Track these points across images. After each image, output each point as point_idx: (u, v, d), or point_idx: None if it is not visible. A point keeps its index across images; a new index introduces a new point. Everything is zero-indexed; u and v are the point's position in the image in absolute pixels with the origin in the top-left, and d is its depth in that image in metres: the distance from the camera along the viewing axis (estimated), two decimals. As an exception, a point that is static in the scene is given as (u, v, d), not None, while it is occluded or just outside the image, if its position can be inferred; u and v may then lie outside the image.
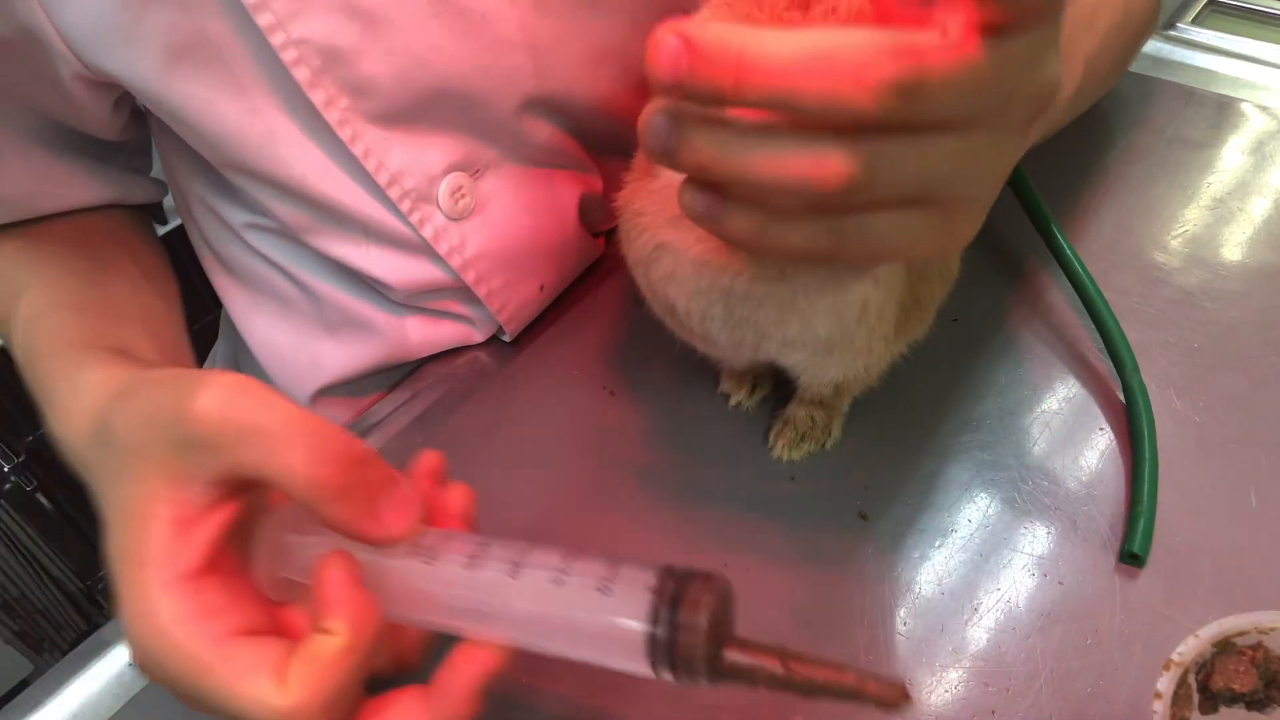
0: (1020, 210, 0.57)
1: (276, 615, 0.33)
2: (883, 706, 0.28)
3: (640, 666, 0.29)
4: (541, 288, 0.56)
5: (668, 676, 0.29)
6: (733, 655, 0.29)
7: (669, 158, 0.27)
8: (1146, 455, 0.45)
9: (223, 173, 0.49)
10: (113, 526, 0.32)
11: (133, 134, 0.53)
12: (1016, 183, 0.57)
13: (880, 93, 0.23)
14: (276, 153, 0.46)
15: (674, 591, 0.29)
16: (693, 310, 0.38)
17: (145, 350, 0.46)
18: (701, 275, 0.35)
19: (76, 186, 0.52)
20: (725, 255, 0.34)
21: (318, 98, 0.44)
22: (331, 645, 0.29)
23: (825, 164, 0.25)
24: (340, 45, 0.43)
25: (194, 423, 0.30)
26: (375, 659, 0.31)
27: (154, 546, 0.30)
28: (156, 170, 0.60)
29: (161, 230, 0.88)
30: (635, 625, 0.28)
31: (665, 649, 0.28)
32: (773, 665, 0.28)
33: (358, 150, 0.46)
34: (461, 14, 0.45)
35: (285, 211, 0.49)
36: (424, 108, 0.47)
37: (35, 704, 0.42)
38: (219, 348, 0.72)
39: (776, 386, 0.51)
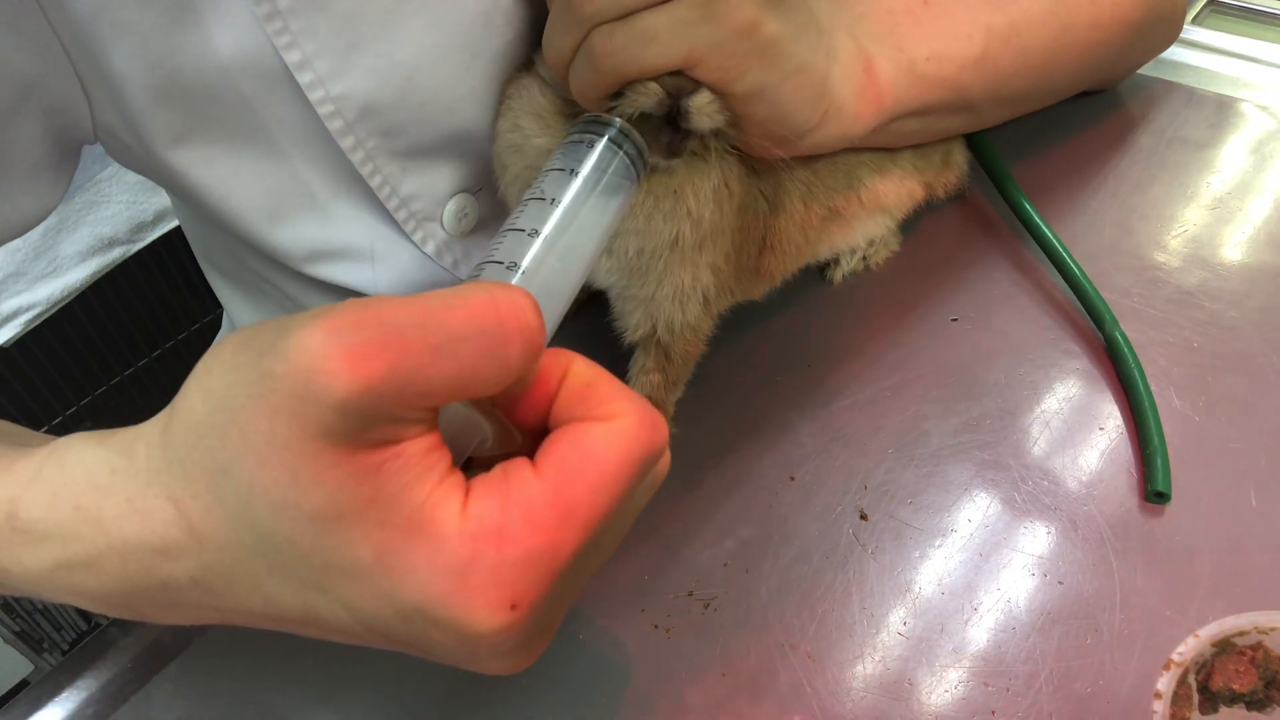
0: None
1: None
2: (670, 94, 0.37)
3: (634, 180, 0.37)
4: None
5: (658, 159, 0.38)
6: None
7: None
8: (1144, 396, 0.47)
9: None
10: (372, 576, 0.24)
11: None
12: (977, 147, 0.60)
13: None
14: (288, 204, 0.47)
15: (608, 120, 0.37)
16: (521, 181, 0.44)
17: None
18: (540, 155, 0.42)
19: None
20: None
21: (346, 143, 0.44)
22: (583, 370, 0.28)
23: None
24: (378, 100, 0.43)
25: (354, 397, 0.22)
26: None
27: (428, 511, 0.24)
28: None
29: (159, 231, 0.87)
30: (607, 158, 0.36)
31: (637, 154, 0.36)
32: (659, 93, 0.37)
33: (374, 183, 0.46)
34: (498, 58, 0.45)
35: (287, 252, 0.50)
36: (446, 144, 0.47)
37: (35, 704, 0.42)
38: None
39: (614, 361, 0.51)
